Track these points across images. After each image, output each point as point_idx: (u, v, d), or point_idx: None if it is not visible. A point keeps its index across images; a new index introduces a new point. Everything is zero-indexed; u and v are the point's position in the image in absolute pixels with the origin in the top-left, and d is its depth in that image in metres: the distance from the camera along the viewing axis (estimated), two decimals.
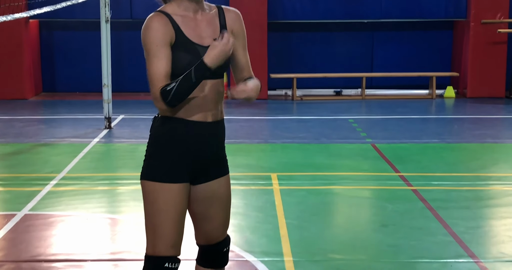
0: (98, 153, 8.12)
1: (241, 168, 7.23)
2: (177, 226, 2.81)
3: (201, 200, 2.92)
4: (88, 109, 11.50)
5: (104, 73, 9.52)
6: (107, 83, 9.56)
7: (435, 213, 5.63)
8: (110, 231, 5.23)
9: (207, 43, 2.78)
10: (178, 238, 2.83)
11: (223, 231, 3.01)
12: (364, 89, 13.05)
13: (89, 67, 13.18)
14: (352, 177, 6.92)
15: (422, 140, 8.86)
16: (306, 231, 5.15)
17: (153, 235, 2.83)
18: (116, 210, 5.79)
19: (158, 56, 2.67)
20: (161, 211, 2.79)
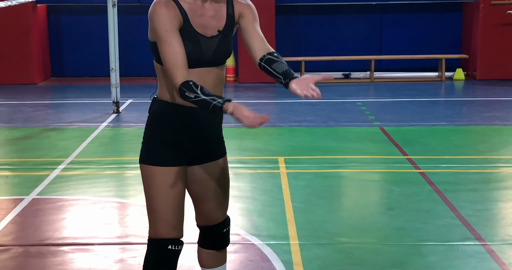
0: (106, 137, 8.15)
1: (249, 152, 7.24)
2: (177, 208, 2.83)
3: (198, 181, 2.94)
4: (96, 93, 11.52)
5: (112, 57, 9.52)
6: (114, 68, 9.56)
7: (442, 196, 5.62)
8: (118, 215, 5.26)
9: (210, 33, 2.76)
10: (178, 220, 2.85)
11: (223, 212, 3.03)
12: (372, 71, 12.99)
13: (97, 51, 13.18)
14: (360, 160, 6.91)
15: (430, 122, 8.83)
16: (313, 215, 5.16)
17: (154, 218, 2.86)
18: (123, 194, 5.81)
19: (169, 41, 2.64)
20: (159, 194, 2.81)
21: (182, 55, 2.63)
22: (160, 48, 2.66)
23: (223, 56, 2.80)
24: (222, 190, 2.99)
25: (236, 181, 6.12)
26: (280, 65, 2.67)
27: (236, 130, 8.19)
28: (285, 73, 2.65)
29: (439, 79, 12.97)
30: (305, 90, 2.52)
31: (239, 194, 5.72)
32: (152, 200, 2.84)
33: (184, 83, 2.60)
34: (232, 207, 5.29)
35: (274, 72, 2.66)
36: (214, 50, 2.75)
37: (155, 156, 2.82)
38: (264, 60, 2.71)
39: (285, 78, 2.63)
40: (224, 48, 2.79)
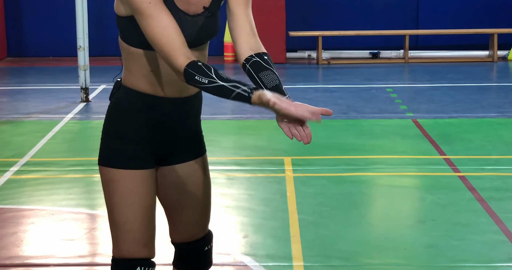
0: (71, 132, 8.18)
1: (247, 151, 7.25)
2: (146, 221, 2.84)
3: (171, 185, 2.96)
4: (61, 77, 11.57)
5: (80, 33, 9.55)
6: (83, 46, 9.59)
7: (486, 205, 5.62)
8: (82, 229, 5.27)
9: (194, 11, 2.76)
10: (149, 235, 2.87)
11: (203, 225, 3.04)
12: (407, 50, 12.98)
13: (63, 26, 13.22)
14: (386, 161, 6.92)
15: (476, 114, 8.83)
16: (323, 229, 5.17)
17: (118, 233, 2.87)
18: (89, 203, 5.84)
19: (156, 15, 2.62)
20: (124, 203, 2.82)
21: (177, 29, 2.63)
22: (144, 26, 2.65)
23: (207, 37, 2.81)
24: (201, 197, 3.01)
25: (229, 187, 6.13)
26: (270, 77, 2.67)
27: (232, 123, 8.22)
28: (276, 89, 2.64)
29: (490, 59, 12.95)
30: (293, 128, 2.52)
31: (233, 203, 5.73)
32: (115, 210, 2.85)
33: (191, 64, 2.58)
34: (222, 220, 5.30)
35: (262, 84, 2.67)
36: (198, 30, 2.76)
37: (117, 156, 2.83)
38: (251, 63, 2.71)
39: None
40: (210, 28, 2.79)
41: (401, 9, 13.57)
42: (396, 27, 13.43)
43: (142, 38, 2.72)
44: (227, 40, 13.04)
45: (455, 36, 13.38)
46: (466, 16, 13.49)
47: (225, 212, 5.52)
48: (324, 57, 13.22)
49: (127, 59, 2.83)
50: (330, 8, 13.56)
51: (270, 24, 12.81)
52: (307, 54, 13.63)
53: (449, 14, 13.53)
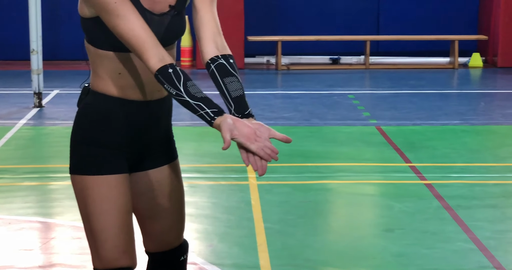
0: (25, 138, 8.10)
1: (209, 158, 7.25)
2: (124, 227, 2.82)
3: (143, 192, 2.94)
4: (13, 82, 11.45)
5: (33, 35, 9.46)
6: (36, 49, 9.50)
7: (453, 213, 5.69)
8: (40, 238, 5.23)
9: (159, 10, 2.76)
10: (128, 241, 2.85)
11: (178, 233, 3.03)
12: (368, 56, 13.09)
13: (15, 27, 13.07)
14: (351, 168, 6.97)
15: (440, 121, 8.94)
16: (290, 238, 5.19)
17: (96, 242, 2.83)
18: (47, 212, 5.80)
19: (123, 14, 2.62)
20: (100, 211, 2.80)
21: (146, 28, 2.63)
22: (113, 26, 2.64)
23: (175, 36, 2.81)
24: (174, 204, 2.99)
25: (192, 195, 6.11)
26: (235, 85, 2.69)
27: (193, 129, 8.20)
28: (239, 101, 2.66)
29: (451, 66, 13.12)
30: (251, 157, 2.54)
31: (196, 212, 5.72)
32: (91, 219, 2.82)
33: (162, 70, 2.60)
34: (186, 229, 5.26)
35: (225, 90, 2.68)
36: (164, 30, 2.76)
37: (89, 163, 2.81)
38: (216, 65, 2.72)
39: (236, 109, 2.65)
40: (176, 27, 2.80)
41: (362, 15, 13.68)
42: (356, 32, 13.53)
43: (109, 39, 2.71)
44: (184, 44, 13.02)
45: (416, 42, 13.53)
46: (427, 22, 13.65)
47: (188, 220, 5.43)
48: (284, 62, 13.26)
49: (94, 62, 2.82)
50: (290, 13, 13.62)
51: (228, 29, 12.79)
52: (266, 60, 13.67)
53: (410, 20, 13.67)
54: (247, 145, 2.52)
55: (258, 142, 2.53)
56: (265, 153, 2.53)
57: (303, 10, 13.64)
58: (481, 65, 13.21)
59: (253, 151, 2.53)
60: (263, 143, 2.53)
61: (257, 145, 2.53)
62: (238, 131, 2.52)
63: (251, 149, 2.52)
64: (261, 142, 2.53)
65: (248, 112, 2.65)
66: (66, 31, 13.06)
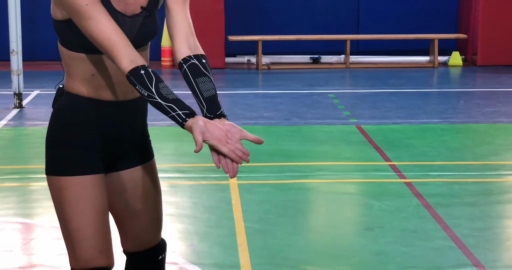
0: (5, 139, 8.08)
1: (188, 158, 7.25)
2: (100, 226, 2.83)
3: (119, 192, 2.96)
4: None
5: (13, 36, 9.43)
6: (16, 49, 9.47)
7: (432, 211, 5.73)
8: (20, 239, 5.23)
9: (131, 11, 2.77)
10: (104, 241, 2.85)
11: (155, 233, 3.05)
12: (348, 55, 13.13)
13: None
14: (331, 167, 7.00)
15: (419, 120, 8.99)
16: (271, 237, 5.21)
17: (72, 243, 2.85)
18: (27, 213, 5.78)
19: (94, 16, 2.63)
20: (75, 211, 2.81)
21: (117, 30, 2.65)
22: (85, 28, 2.65)
23: (147, 38, 2.83)
24: (151, 204, 3.01)
25: (172, 195, 6.13)
26: (207, 85, 2.71)
27: (172, 129, 8.21)
28: (212, 101, 2.68)
29: (431, 65, 13.19)
30: (222, 159, 2.56)
31: (177, 211, 5.74)
32: (67, 219, 2.83)
33: (133, 72, 2.61)
34: (167, 229, 5.30)
35: (197, 90, 2.70)
36: (136, 32, 2.78)
37: (64, 163, 2.82)
38: (189, 65, 2.73)
39: (209, 110, 2.67)
40: (149, 29, 2.82)
41: (341, 14, 13.72)
42: (336, 31, 13.57)
43: (81, 41, 2.73)
44: (164, 44, 13.01)
45: (396, 41, 13.59)
46: (407, 21, 13.71)
47: (169, 220, 5.51)
48: (264, 62, 13.29)
49: (68, 64, 2.83)
50: (270, 12, 13.64)
51: (209, 28, 12.83)
52: (247, 59, 13.69)
53: (390, 19, 13.73)
54: (219, 147, 2.54)
55: (229, 144, 2.55)
56: (236, 155, 2.55)
57: (284, 9, 13.66)
58: (460, 64, 13.29)
59: (225, 154, 2.54)
60: (234, 145, 2.55)
61: (228, 148, 2.54)
62: (210, 133, 2.54)
63: (222, 151, 2.54)
64: (232, 144, 2.55)
65: (220, 112, 2.68)
66: (46, 32, 13.01)
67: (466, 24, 13.46)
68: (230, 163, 2.58)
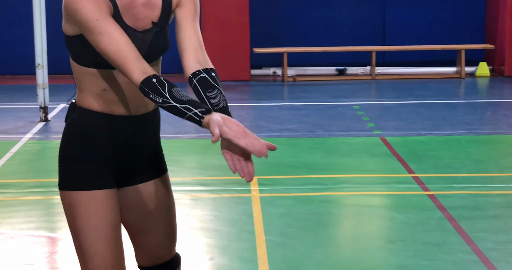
0: (30, 152, 8.14)
1: (211, 170, 7.26)
2: (112, 242, 2.85)
3: (132, 207, 2.97)
4: (19, 96, 11.50)
5: (38, 50, 9.51)
6: (42, 63, 9.55)
7: (456, 224, 5.69)
8: (42, 253, 5.24)
9: (142, 26, 2.79)
10: (117, 256, 2.87)
11: (169, 247, 3.06)
12: (374, 66, 13.10)
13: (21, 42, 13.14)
14: (354, 180, 6.97)
15: (444, 131, 8.94)
16: (291, 251, 5.20)
17: (85, 258, 2.87)
18: (50, 226, 5.81)
19: (105, 31, 2.65)
20: (87, 227, 2.83)
21: (128, 44, 2.66)
22: (96, 43, 2.68)
23: (158, 53, 2.85)
24: (164, 218, 3.02)
25: (194, 208, 6.14)
26: (218, 97, 2.71)
27: (196, 142, 8.23)
28: (222, 112, 2.67)
29: (458, 75, 13.11)
30: (237, 163, 2.53)
31: (198, 225, 5.74)
32: (79, 234, 2.86)
33: (146, 81, 2.62)
34: (188, 242, 5.31)
35: (207, 103, 2.70)
36: (147, 47, 2.79)
37: (76, 178, 2.84)
38: (198, 79, 2.74)
39: None
40: (160, 44, 2.83)
41: (367, 25, 13.70)
42: (362, 43, 13.54)
43: (92, 57, 2.75)
44: None
45: (422, 52, 13.53)
46: (433, 32, 13.65)
47: (190, 233, 5.52)
48: (290, 74, 13.29)
49: (79, 79, 2.85)
50: (295, 24, 13.65)
51: (234, 41, 12.87)
52: (272, 71, 13.69)
53: (416, 30, 13.68)
54: (236, 141, 2.48)
55: (247, 138, 2.51)
56: (255, 149, 2.49)
57: (309, 21, 13.66)
58: (488, 74, 13.19)
59: (242, 146, 2.49)
60: (252, 139, 2.50)
61: (246, 141, 2.49)
62: (228, 127, 2.51)
63: (240, 144, 2.49)
64: (251, 138, 2.51)
65: None
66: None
67: (493, 34, 13.37)
68: (246, 167, 2.55)
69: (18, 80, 12.90)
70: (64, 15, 2.76)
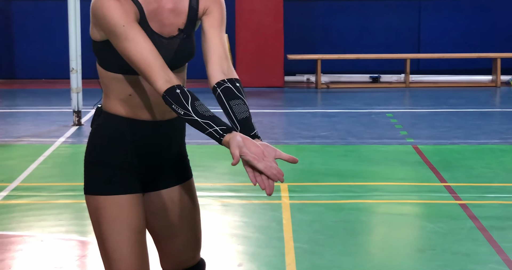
0: (62, 156, 8.20)
1: (241, 176, 7.24)
2: (137, 246, 2.86)
3: (157, 212, 2.98)
4: (53, 100, 11.62)
5: (72, 54, 9.60)
6: (75, 68, 9.64)
7: (487, 234, 5.63)
8: (72, 256, 5.27)
9: (168, 33, 2.80)
10: (141, 261, 2.88)
11: (194, 252, 3.06)
12: (408, 74, 13.04)
13: (56, 47, 13.27)
14: (385, 188, 6.94)
15: (478, 140, 8.87)
16: (320, 258, 5.18)
17: (110, 262, 2.89)
18: (80, 230, 5.85)
19: (131, 38, 2.67)
20: (112, 231, 2.84)
21: (153, 51, 2.67)
22: (122, 49, 2.69)
23: (184, 59, 2.85)
24: (189, 224, 3.02)
25: (223, 214, 6.15)
26: (241, 108, 2.72)
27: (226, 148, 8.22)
28: (245, 123, 2.69)
29: (493, 84, 13.00)
30: (258, 176, 2.55)
31: (227, 231, 5.74)
32: (104, 238, 2.87)
33: (169, 91, 2.63)
34: (217, 247, 5.31)
35: (231, 113, 2.71)
36: (173, 53, 2.80)
37: (101, 183, 2.86)
38: (222, 89, 2.74)
39: (242, 131, 2.67)
40: (186, 51, 2.83)
41: (402, 33, 13.65)
42: (397, 50, 13.50)
43: (119, 62, 2.76)
44: None
45: (457, 60, 13.45)
46: (469, 40, 13.57)
47: (219, 239, 5.52)
48: (323, 81, 13.27)
49: (105, 84, 2.87)
50: (329, 31, 13.64)
51: (268, 47, 12.89)
52: (306, 78, 13.69)
53: (451, 38, 13.61)
54: (255, 163, 2.53)
55: (265, 161, 2.54)
56: (272, 173, 2.54)
57: (343, 28, 13.65)
58: None
59: (261, 170, 2.53)
60: (270, 163, 2.54)
61: (264, 164, 2.53)
62: (247, 149, 2.54)
63: (258, 167, 2.53)
64: (269, 162, 2.54)
65: (253, 134, 2.68)
66: None
67: None
68: (266, 180, 2.57)
69: (52, 84, 13.02)
70: (92, 20, 2.78)
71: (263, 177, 2.56)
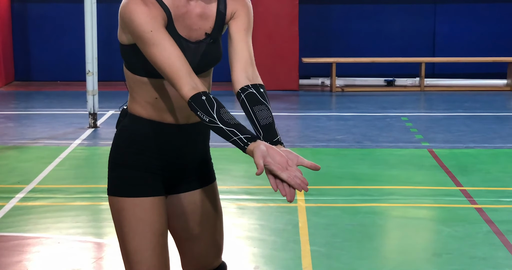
0: (79, 158, 8.22)
1: (258, 180, 7.25)
2: (158, 249, 2.87)
3: (179, 215, 2.99)
4: (69, 102, 11.65)
5: (89, 57, 9.63)
6: (92, 70, 9.67)
7: (504, 239, 5.62)
8: (89, 258, 5.30)
9: (195, 37, 2.81)
10: (162, 263, 2.90)
11: (215, 255, 3.07)
12: (423, 78, 13.02)
13: (72, 49, 13.32)
14: (401, 191, 6.93)
15: (494, 144, 8.84)
16: (336, 261, 5.18)
17: (131, 264, 2.90)
18: (97, 232, 5.86)
19: (159, 43, 2.68)
20: (134, 233, 2.85)
21: (181, 57, 2.68)
22: (149, 54, 2.70)
23: (210, 64, 2.86)
24: (211, 227, 3.04)
25: (240, 217, 6.15)
26: (265, 113, 2.72)
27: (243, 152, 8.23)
28: (268, 129, 2.69)
29: (509, 88, 12.97)
30: (280, 183, 2.56)
31: (243, 234, 5.75)
32: (126, 240, 2.89)
33: (195, 98, 2.64)
34: (232, 251, 5.32)
35: (254, 118, 2.71)
36: (200, 58, 2.81)
37: (125, 184, 2.87)
38: (246, 95, 2.75)
39: (265, 137, 2.67)
40: (212, 55, 2.84)
41: (417, 36, 13.64)
42: (412, 54, 13.48)
43: (146, 66, 2.77)
44: None
45: (473, 64, 13.42)
46: (484, 43, 13.54)
47: (235, 242, 5.53)
48: (338, 84, 13.27)
49: (131, 87, 2.89)
50: (344, 35, 13.64)
51: (283, 51, 12.89)
52: (321, 81, 13.69)
53: (466, 42, 13.58)
54: (278, 173, 2.54)
55: (289, 171, 2.55)
56: (295, 182, 2.54)
57: (358, 32, 13.64)
58: None
59: (284, 180, 2.54)
60: (294, 172, 2.55)
61: (288, 174, 2.54)
62: (271, 158, 2.55)
63: (282, 177, 2.54)
64: (293, 171, 2.55)
65: (277, 140, 2.68)
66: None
67: None
68: (287, 187, 2.58)
69: (68, 86, 13.07)
70: (120, 24, 2.79)
71: (284, 184, 2.57)
